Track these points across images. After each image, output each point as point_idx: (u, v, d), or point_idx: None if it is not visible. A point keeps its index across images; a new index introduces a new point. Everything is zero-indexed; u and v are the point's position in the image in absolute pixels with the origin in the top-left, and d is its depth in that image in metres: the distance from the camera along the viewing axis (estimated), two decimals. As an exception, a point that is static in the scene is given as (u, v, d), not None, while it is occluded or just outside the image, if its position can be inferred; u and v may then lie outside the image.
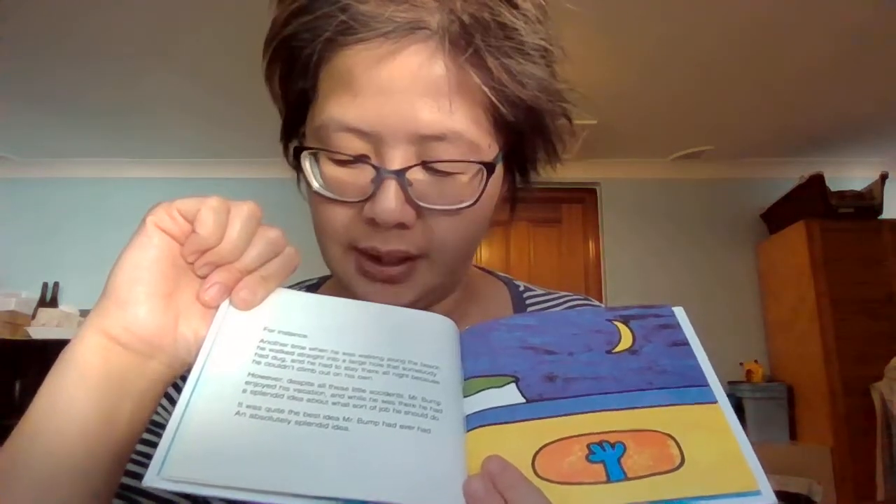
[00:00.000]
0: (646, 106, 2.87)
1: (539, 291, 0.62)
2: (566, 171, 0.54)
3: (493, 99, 0.42)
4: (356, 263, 0.46)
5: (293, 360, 0.35)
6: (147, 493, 0.46)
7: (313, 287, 0.62)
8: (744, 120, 3.02)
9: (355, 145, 0.42)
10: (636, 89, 2.70)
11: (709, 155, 3.43)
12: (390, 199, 0.41)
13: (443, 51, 0.40)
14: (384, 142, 0.42)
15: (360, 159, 0.43)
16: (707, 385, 0.35)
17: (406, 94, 0.41)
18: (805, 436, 2.99)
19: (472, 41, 0.40)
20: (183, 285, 0.36)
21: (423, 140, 0.42)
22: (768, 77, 2.59)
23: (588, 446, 0.32)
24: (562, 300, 0.61)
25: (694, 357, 0.36)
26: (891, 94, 2.73)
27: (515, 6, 0.42)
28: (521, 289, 0.62)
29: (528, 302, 0.61)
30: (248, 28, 2.10)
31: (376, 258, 0.45)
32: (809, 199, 3.05)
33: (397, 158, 0.42)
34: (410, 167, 0.42)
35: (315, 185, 0.44)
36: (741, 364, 3.15)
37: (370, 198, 0.42)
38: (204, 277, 0.37)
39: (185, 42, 2.33)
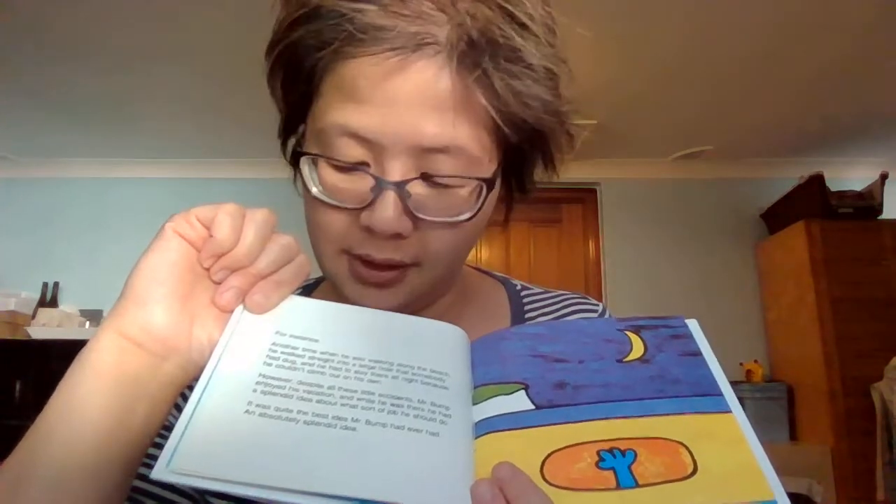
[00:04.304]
0: (646, 106, 2.87)
1: (537, 290, 0.62)
2: (566, 171, 0.54)
3: (498, 120, 0.42)
4: (348, 266, 0.46)
5: (304, 363, 0.36)
6: (151, 494, 0.46)
7: (310, 287, 0.62)
8: (744, 120, 3.01)
9: (356, 152, 0.42)
10: (636, 89, 2.70)
11: (709, 155, 3.42)
12: (388, 210, 0.41)
13: (450, 68, 0.40)
14: (385, 151, 0.41)
15: (360, 167, 0.42)
16: (721, 394, 0.34)
17: (411, 106, 0.40)
18: (805, 436, 2.99)
19: (480, 61, 0.40)
20: (199, 291, 0.37)
21: (424, 152, 0.42)
22: (768, 77, 2.59)
23: (598, 453, 0.31)
24: (559, 299, 0.61)
25: (707, 367, 0.36)
26: (891, 95, 2.73)
27: (524, 26, 0.41)
28: (518, 287, 0.62)
29: (525, 301, 0.60)
30: (248, 26, 2.10)
31: (368, 263, 0.45)
32: (809, 199, 3.05)
33: (397, 169, 0.42)
34: (410, 180, 0.42)
35: (314, 190, 0.44)
36: (741, 364, 3.15)
37: (368, 206, 0.42)
38: (219, 283, 0.37)
39: (186, 43, 2.33)
